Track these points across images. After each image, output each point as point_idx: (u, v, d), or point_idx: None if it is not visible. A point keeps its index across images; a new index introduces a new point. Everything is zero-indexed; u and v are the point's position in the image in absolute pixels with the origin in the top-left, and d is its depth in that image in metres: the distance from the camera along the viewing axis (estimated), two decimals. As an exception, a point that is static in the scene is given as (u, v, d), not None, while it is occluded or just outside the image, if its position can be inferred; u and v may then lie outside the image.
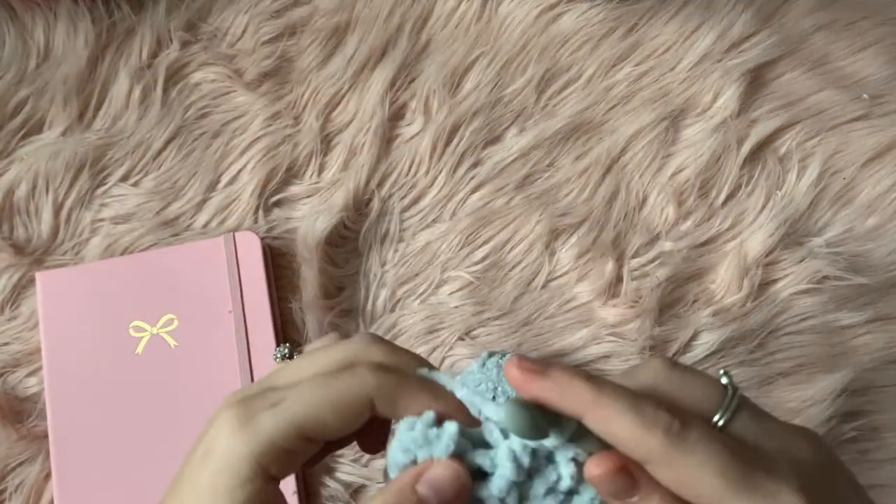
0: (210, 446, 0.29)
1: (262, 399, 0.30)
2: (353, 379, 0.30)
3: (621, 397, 0.28)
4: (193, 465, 0.30)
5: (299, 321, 0.57)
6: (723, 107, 0.64)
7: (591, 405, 0.28)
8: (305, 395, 0.30)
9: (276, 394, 0.30)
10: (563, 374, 0.29)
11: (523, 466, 0.29)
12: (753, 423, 0.29)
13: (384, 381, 0.30)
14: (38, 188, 0.59)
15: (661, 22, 0.67)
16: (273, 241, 0.59)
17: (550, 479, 0.29)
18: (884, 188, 0.63)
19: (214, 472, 0.29)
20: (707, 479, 0.27)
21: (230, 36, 0.65)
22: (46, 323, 0.55)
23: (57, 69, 0.62)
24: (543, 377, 0.29)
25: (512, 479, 0.29)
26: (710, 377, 0.31)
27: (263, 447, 0.29)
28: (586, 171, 0.62)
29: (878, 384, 0.57)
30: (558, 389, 0.29)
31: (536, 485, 0.29)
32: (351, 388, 0.30)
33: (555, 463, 0.29)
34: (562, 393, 0.29)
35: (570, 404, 0.28)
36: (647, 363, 0.31)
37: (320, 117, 0.63)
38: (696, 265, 0.60)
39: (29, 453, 0.52)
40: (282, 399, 0.29)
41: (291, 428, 0.29)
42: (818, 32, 0.68)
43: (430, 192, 0.61)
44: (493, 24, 0.66)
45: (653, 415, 0.28)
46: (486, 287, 0.59)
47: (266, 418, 0.29)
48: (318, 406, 0.29)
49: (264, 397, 0.30)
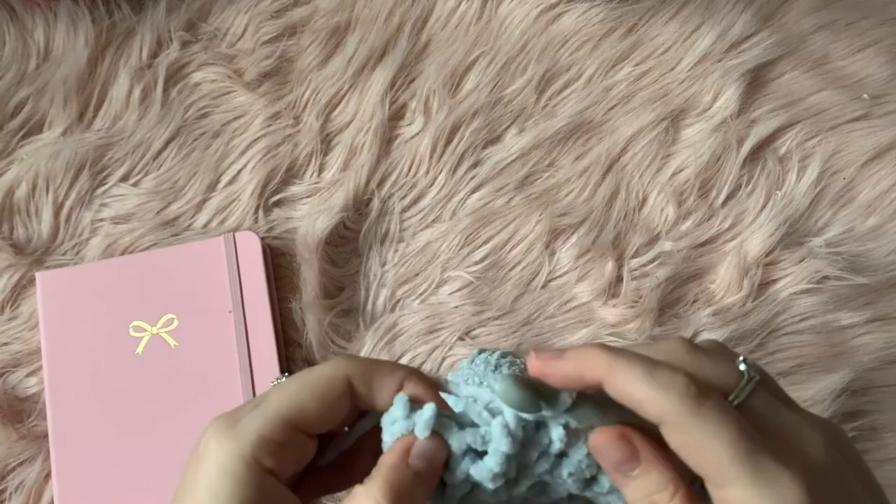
0: (201, 453, 0.30)
1: (247, 405, 0.31)
2: (328, 365, 0.31)
3: (637, 361, 0.29)
4: (188, 477, 0.30)
5: (299, 321, 0.57)
6: (723, 107, 0.64)
7: (608, 370, 0.29)
8: (286, 388, 0.31)
9: (260, 398, 0.31)
10: (578, 349, 0.30)
11: (517, 438, 0.29)
12: (769, 407, 0.30)
13: (359, 363, 0.31)
14: (38, 188, 0.59)
15: (661, 22, 0.67)
16: (273, 241, 0.59)
17: (542, 444, 0.30)
18: (884, 188, 0.63)
19: (210, 476, 0.29)
20: (715, 449, 0.27)
21: (230, 36, 0.65)
22: (46, 323, 0.55)
23: (57, 69, 0.62)
24: (560, 357, 0.30)
25: (507, 452, 0.29)
26: (729, 357, 0.31)
27: (252, 442, 0.29)
28: (586, 171, 0.62)
29: (878, 384, 0.57)
30: (576, 363, 0.30)
31: (529, 452, 0.30)
32: (326, 371, 0.31)
33: (546, 428, 0.30)
34: (579, 364, 0.29)
35: (589, 373, 0.29)
36: (666, 340, 0.32)
37: (320, 117, 0.63)
38: (696, 265, 0.60)
39: (29, 453, 0.52)
40: (264, 399, 0.30)
41: (276, 418, 0.29)
42: (818, 32, 0.68)
43: (430, 192, 0.61)
44: (493, 24, 0.66)
45: (669, 377, 0.29)
46: (486, 287, 0.59)
47: (250, 416, 0.30)
48: (298, 393, 0.30)
49: (248, 404, 0.31)
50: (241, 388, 0.53)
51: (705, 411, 0.28)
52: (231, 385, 0.53)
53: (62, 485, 0.51)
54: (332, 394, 0.31)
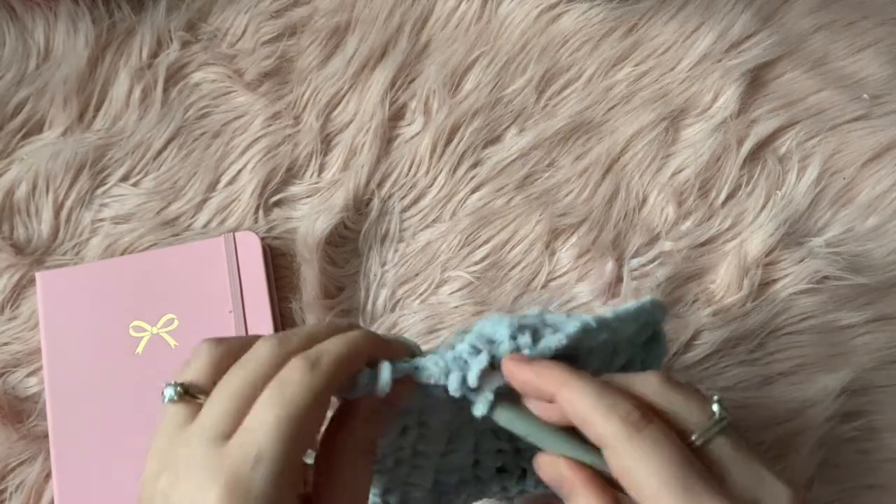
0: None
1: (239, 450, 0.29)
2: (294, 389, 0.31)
3: (590, 383, 0.31)
4: None
5: (299, 321, 0.57)
6: (723, 107, 0.64)
7: (561, 385, 0.32)
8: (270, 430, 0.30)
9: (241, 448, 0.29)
10: (544, 362, 0.33)
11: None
12: (732, 453, 0.30)
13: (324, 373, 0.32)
14: (38, 188, 0.59)
15: (661, 22, 0.67)
16: (273, 241, 0.59)
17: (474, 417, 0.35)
18: (884, 188, 0.63)
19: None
20: (647, 476, 0.29)
21: (230, 36, 0.65)
22: (46, 323, 0.55)
23: (57, 69, 0.62)
24: (528, 363, 0.33)
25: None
26: (702, 398, 0.32)
27: None
28: (586, 171, 0.62)
29: (878, 384, 0.57)
30: (538, 373, 0.32)
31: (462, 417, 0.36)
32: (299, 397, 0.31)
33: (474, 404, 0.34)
34: (541, 374, 0.32)
35: (545, 383, 0.32)
36: (644, 373, 0.33)
37: (320, 117, 0.63)
38: (696, 265, 0.60)
39: (29, 453, 0.52)
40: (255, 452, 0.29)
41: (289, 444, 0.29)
42: (818, 32, 0.68)
43: (430, 192, 0.61)
44: (493, 24, 0.66)
45: (613, 400, 0.30)
46: (486, 287, 0.59)
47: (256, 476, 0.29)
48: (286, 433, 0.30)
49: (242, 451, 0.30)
50: (241, 388, 0.53)
51: (643, 437, 0.29)
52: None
53: (62, 485, 0.51)
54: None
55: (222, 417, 0.30)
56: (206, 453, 0.29)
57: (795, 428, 0.54)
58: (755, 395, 0.56)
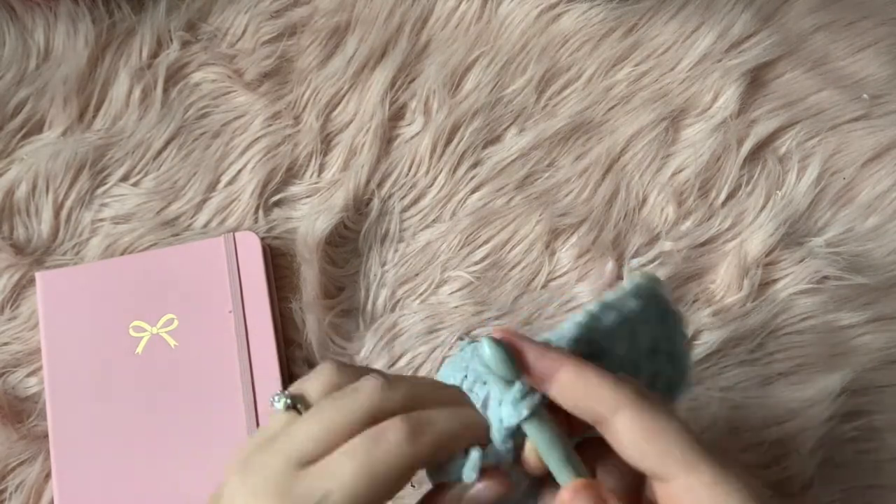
0: None
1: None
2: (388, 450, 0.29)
3: (590, 365, 0.31)
4: None
5: (299, 321, 0.57)
6: (723, 107, 0.64)
7: (564, 367, 0.31)
8: (347, 480, 0.29)
9: (314, 482, 0.29)
10: (543, 345, 0.32)
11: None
12: None
13: (423, 446, 0.30)
14: (38, 188, 0.59)
15: (661, 22, 0.67)
16: (273, 241, 0.59)
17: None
18: (884, 188, 0.63)
19: None
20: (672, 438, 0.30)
21: (230, 36, 0.65)
22: (46, 323, 0.55)
23: (57, 69, 0.62)
24: (527, 341, 0.32)
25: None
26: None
27: None
28: (586, 171, 0.62)
29: (878, 384, 0.57)
30: (538, 354, 0.32)
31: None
32: (389, 461, 0.29)
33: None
34: (541, 355, 0.32)
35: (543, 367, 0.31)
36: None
37: (320, 117, 0.63)
38: (696, 265, 0.60)
39: (29, 453, 0.52)
40: (323, 493, 0.28)
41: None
42: (818, 32, 0.68)
43: (430, 192, 0.61)
44: (493, 24, 0.66)
45: (621, 377, 0.31)
46: (486, 287, 0.59)
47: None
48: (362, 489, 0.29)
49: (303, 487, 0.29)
50: (241, 388, 0.53)
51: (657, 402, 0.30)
52: (231, 385, 0.53)
53: (62, 485, 0.51)
54: (396, 484, 0.30)
55: (311, 441, 0.30)
56: (281, 471, 0.29)
57: (795, 428, 0.54)
58: (755, 395, 0.56)
